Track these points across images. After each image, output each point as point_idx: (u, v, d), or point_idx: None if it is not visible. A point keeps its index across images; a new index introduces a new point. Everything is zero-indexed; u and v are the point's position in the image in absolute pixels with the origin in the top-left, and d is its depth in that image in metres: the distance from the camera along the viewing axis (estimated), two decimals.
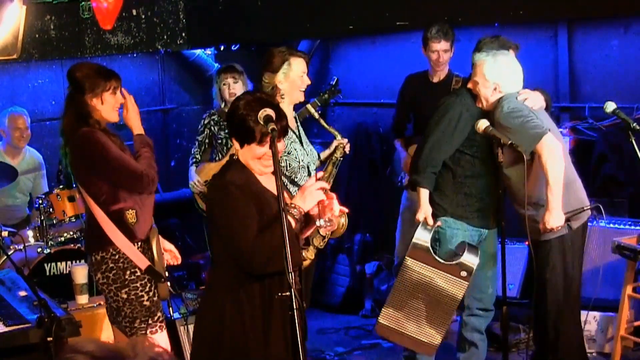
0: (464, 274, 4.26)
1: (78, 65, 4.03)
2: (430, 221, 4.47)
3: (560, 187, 4.10)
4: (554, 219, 4.12)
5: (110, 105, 3.94)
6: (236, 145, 3.18)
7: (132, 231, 3.88)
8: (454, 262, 4.28)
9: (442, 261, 4.29)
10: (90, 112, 3.90)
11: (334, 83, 5.08)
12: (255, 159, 3.14)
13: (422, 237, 4.37)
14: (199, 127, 5.47)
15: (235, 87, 5.43)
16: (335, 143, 4.53)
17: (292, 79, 4.28)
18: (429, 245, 4.32)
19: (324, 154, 4.63)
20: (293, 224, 3.07)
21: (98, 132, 3.87)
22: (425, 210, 4.50)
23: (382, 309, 4.40)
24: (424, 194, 4.50)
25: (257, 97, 3.19)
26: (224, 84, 5.47)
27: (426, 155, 4.50)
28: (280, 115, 3.14)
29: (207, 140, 5.40)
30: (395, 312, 4.34)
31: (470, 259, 4.27)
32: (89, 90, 3.89)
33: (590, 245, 5.34)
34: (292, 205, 3.10)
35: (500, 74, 4.31)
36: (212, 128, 5.41)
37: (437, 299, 4.29)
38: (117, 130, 4.14)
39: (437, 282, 4.28)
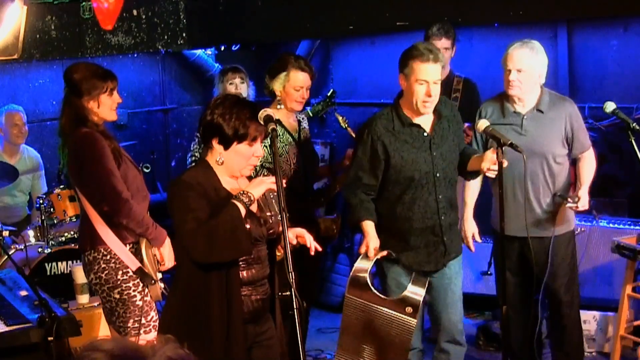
0: (409, 309, 3.78)
1: (75, 67, 4.01)
2: (372, 252, 3.95)
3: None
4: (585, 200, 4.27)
5: (107, 107, 3.95)
6: (219, 147, 3.13)
7: (123, 232, 3.89)
8: (395, 297, 3.86)
9: (382, 296, 3.87)
10: (87, 114, 3.90)
11: (329, 94, 5.04)
12: (244, 159, 3.14)
13: (361, 268, 3.89)
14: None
15: (241, 87, 5.49)
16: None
17: (287, 90, 4.31)
18: (367, 278, 3.87)
19: (327, 168, 4.75)
20: (242, 211, 3.05)
21: (97, 134, 3.87)
22: (368, 241, 3.98)
23: (336, 351, 4.02)
24: (366, 225, 4.01)
25: (239, 99, 3.22)
26: (230, 83, 5.51)
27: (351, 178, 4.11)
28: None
29: None
30: (347, 355, 3.95)
31: (415, 292, 3.82)
32: (86, 93, 3.89)
33: (590, 245, 5.35)
34: (243, 192, 3.08)
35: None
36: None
37: (386, 340, 3.81)
38: (116, 131, 4.15)
39: (381, 321, 3.80)
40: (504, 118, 4.36)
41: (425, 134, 4.00)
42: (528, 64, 4.23)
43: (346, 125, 4.76)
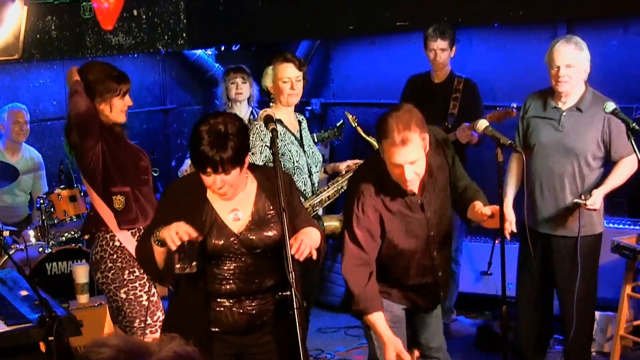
0: None
1: (91, 66, 4.03)
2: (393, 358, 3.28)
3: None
4: (600, 200, 4.25)
5: (118, 109, 3.99)
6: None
7: (118, 217, 3.92)
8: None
9: None
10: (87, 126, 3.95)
11: (338, 125, 4.99)
12: (207, 186, 3.00)
13: None
14: None
15: (243, 87, 5.57)
16: (345, 166, 4.55)
17: (276, 83, 4.33)
18: None
19: (331, 167, 4.69)
20: (156, 248, 2.95)
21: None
22: (386, 348, 3.30)
23: None
24: (377, 321, 3.36)
25: (219, 128, 2.92)
26: (232, 83, 5.57)
27: None
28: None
29: None
30: None
31: None
32: (98, 95, 3.92)
33: None
34: (156, 234, 2.94)
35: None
36: None
37: None
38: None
39: None
40: (544, 112, 4.39)
41: (418, 201, 3.44)
42: (576, 59, 4.26)
43: (356, 124, 4.76)
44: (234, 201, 3.08)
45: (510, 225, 4.18)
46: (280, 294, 3.05)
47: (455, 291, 5.59)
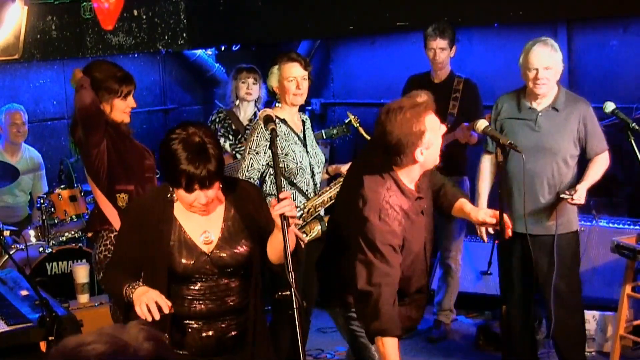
0: None
1: (97, 66, 4.09)
2: None
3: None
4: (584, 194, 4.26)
5: (120, 110, 4.03)
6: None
7: (121, 215, 3.94)
8: None
9: None
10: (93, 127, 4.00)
11: (347, 122, 4.95)
12: (186, 204, 2.84)
13: None
14: (208, 121, 5.75)
15: (253, 88, 5.64)
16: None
17: (282, 83, 4.32)
18: None
19: (333, 169, 4.68)
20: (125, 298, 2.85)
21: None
22: None
23: None
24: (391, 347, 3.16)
25: (194, 139, 2.75)
26: (242, 82, 5.62)
27: None
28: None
29: None
30: None
31: None
32: (99, 95, 3.95)
33: (589, 244, 5.36)
34: (128, 292, 2.83)
35: None
36: (216, 125, 5.61)
37: None
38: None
39: None
40: (519, 113, 4.39)
41: (425, 205, 3.36)
42: (553, 61, 4.26)
43: (358, 124, 4.74)
44: (203, 221, 2.91)
45: (487, 228, 4.26)
46: (280, 293, 3.04)
47: (455, 291, 5.59)
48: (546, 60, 4.24)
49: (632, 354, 4.99)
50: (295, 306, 2.88)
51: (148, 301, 2.72)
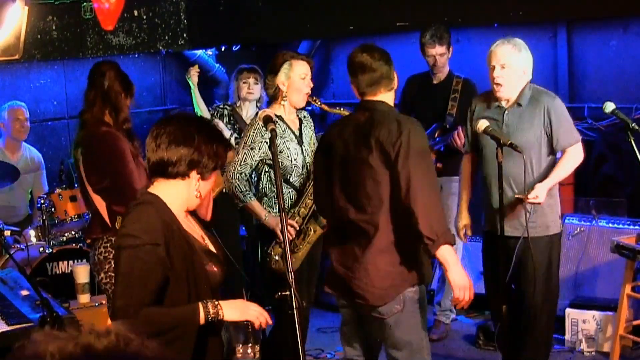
0: None
1: (105, 66, 4.12)
2: None
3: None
4: (543, 193, 4.16)
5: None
6: (196, 175, 2.64)
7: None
8: None
9: None
10: (122, 108, 4.08)
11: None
12: (206, 192, 2.72)
13: None
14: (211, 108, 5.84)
15: (254, 88, 5.65)
16: None
17: (292, 79, 4.31)
18: None
19: None
20: (201, 321, 2.58)
21: (118, 134, 4.02)
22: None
23: None
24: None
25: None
26: (244, 82, 5.64)
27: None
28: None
29: None
30: None
31: None
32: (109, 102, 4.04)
33: (589, 244, 5.36)
34: (215, 305, 2.61)
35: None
36: (221, 115, 5.66)
37: None
38: None
39: None
40: (487, 110, 4.36)
41: None
42: (511, 60, 4.22)
43: (319, 103, 4.68)
44: (193, 225, 2.79)
45: (466, 230, 4.26)
46: (280, 293, 3.04)
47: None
48: (502, 57, 4.20)
49: (632, 354, 5.00)
50: (295, 306, 2.88)
51: (257, 310, 2.67)
